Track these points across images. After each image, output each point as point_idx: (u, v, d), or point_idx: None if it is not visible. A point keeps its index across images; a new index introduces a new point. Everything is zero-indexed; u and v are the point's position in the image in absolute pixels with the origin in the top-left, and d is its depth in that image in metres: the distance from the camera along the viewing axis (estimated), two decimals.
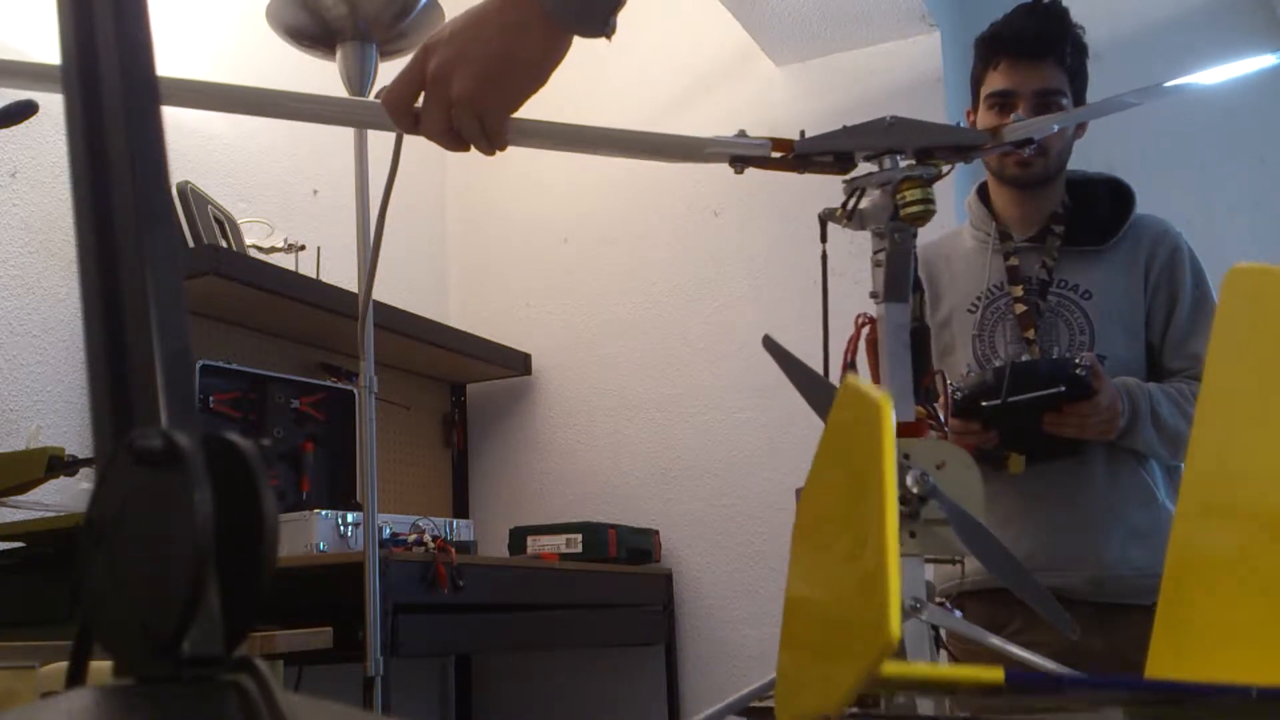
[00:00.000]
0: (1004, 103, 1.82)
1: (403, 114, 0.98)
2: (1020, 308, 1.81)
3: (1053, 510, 1.79)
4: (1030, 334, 1.79)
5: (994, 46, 1.84)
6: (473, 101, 0.94)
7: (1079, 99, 1.84)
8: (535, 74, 0.95)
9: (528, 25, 0.93)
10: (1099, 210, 1.87)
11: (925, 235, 2.00)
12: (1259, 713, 0.49)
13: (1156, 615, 0.60)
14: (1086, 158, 3.44)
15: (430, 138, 0.98)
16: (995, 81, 1.83)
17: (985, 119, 1.85)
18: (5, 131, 1.92)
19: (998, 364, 1.74)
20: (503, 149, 0.99)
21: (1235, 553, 0.58)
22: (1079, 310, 1.82)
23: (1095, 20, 3.54)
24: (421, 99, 0.97)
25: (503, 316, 3.77)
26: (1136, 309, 1.83)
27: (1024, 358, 1.76)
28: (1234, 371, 0.60)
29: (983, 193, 1.95)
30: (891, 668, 0.41)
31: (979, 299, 1.85)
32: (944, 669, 0.82)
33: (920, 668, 0.79)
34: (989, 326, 1.83)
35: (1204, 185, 3.32)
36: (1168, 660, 0.59)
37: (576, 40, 0.97)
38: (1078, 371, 1.62)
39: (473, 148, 0.99)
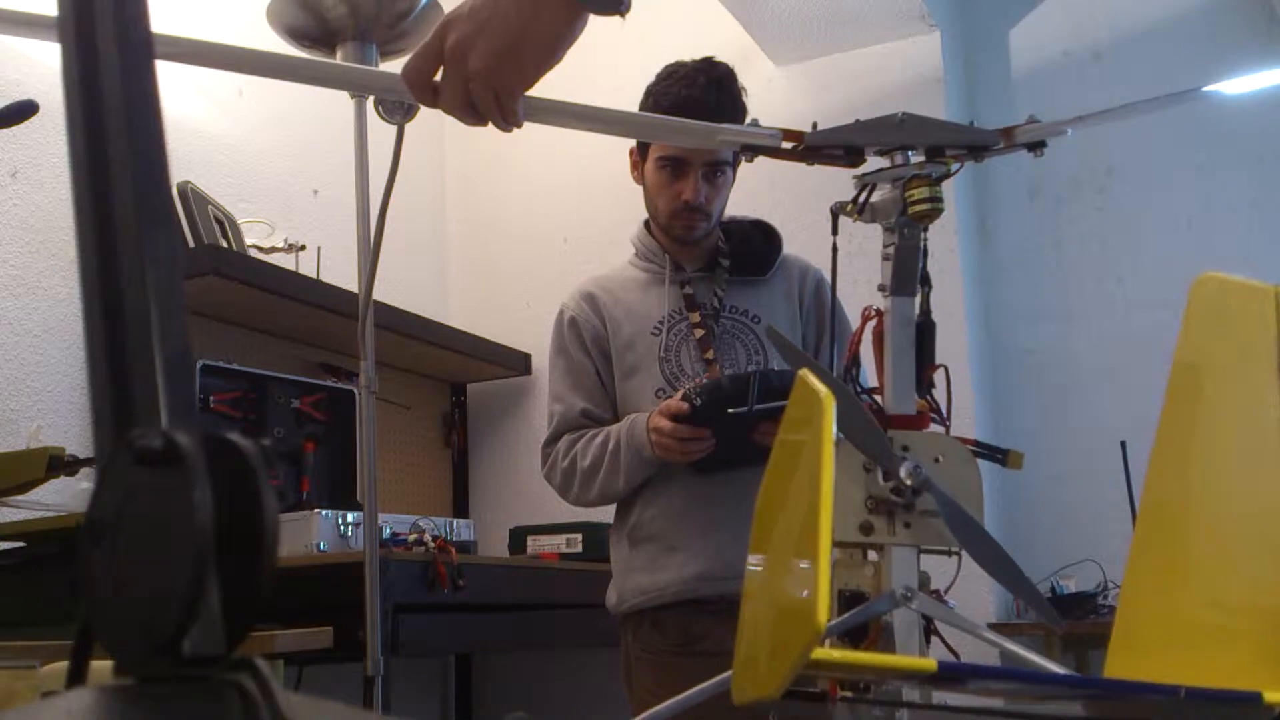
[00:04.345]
0: (675, 167, 1.89)
1: (422, 87, 0.99)
2: (699, 332, 1.91)
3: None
4: (710, 355, 1.89)
5: (669, 113, 1.82)
6: (489, 76, 0.95)
7: (737, 162, 1.93)
8: (550, 50, 0.97)
9: (545, 2, 0.94)
10: (755, 246, 2.00)
11: (594, 270, 2.06)
12: (1187, 711, 0.50)
13: (1115, 619, 0.60)
14: (1088, 160, 3.45)
15: (448, 111, 0.99)
16: (667, 146, 1.88)
17: (656, 179, 1.91)
18: (5, 132, 1.93)
19: (729, 372, 1.83)
20: (518, 125, 1.00)
21: (1189, 561, 0.59)
22: (751, 333, 1.93)
23: (1095, 20, 3.56)
24: (440, 73, 0.98)
25: (503, 316, 3.77)
26: (795, 331, 1.96)
27: (728, 371, 1.85)
28: (1196, 381, 0.60)
29: (648, 227, 2.02)
30: (821, 653, 0.42)
31: (660, 324, 1.93)
32: (877, 656, 0.83)
33: (853, 655, 0.80)
34: (673, 349, 1.91)
35: (1204, 185, 3.32)
36: (1124, 660, 0.59)
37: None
38: None
39: (490, 124, 1.00)
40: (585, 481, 1.89)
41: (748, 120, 1.10)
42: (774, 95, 3.45)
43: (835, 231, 1.11)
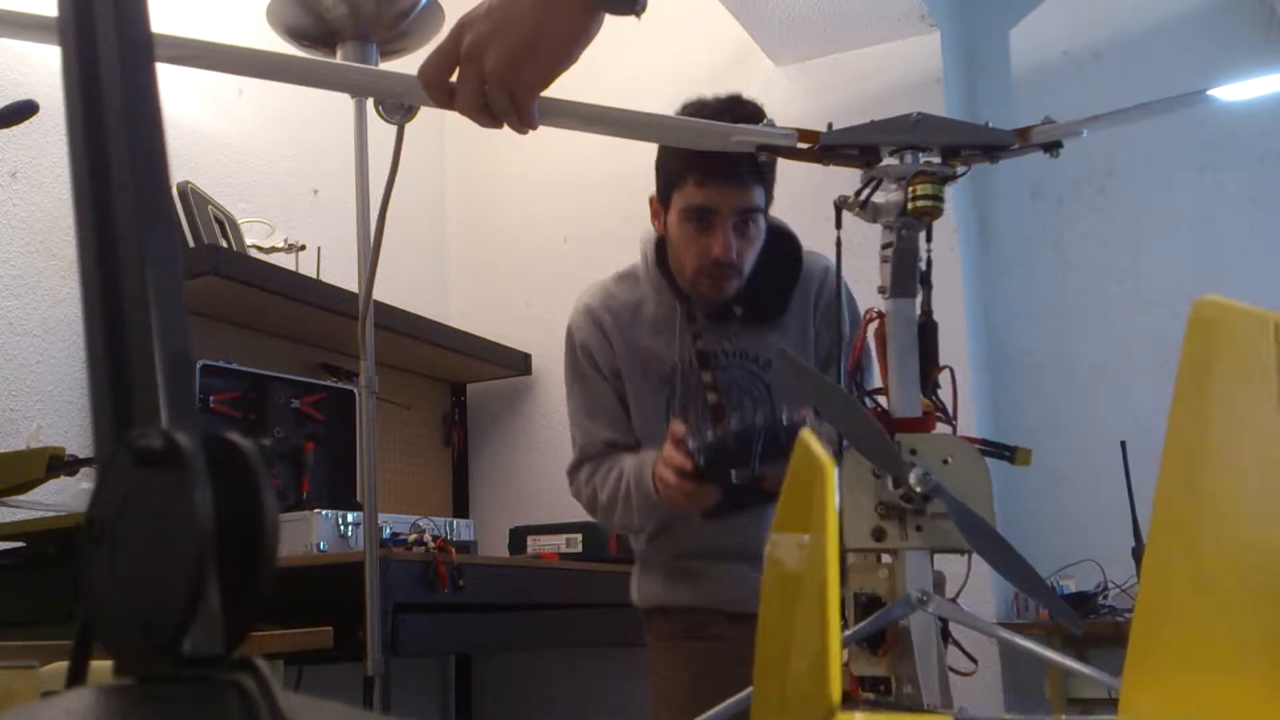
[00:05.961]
0: (703, 219, 1.73)
1: (437, 89, 0.99)
2: (712, 396, 1.81)
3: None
4: (715, 399, 1.81)
5: (695, 157, 1.71)
6: (506, 77, 0.95)
7: (769, 203, 1.80)
8: (566, 51, 0.97)
9: (560, 2, 0.94)
10: (771, 280, 1.84)
11: (594, 271, 1.95)
12: None
13: (1129, 644, 0.60)
14: (1087, 160, 3.45)
15: (464, 113, 0.99)
16: (694, 195, 1.72)
17: (681, 232, 1.76)
18: (5, 132, 1.92)
19: (735, 425, 1.68)
20: (534, 127, 1.01)
21: (1203, 585, 0.58)
22: (759, 381, 1.84)
23: (1095, 20, 3.56)
24: (456, 74, 0.98)
25: (503, 316, 3.77)
26: (809, 363, 1.84)
27: (734, 421, 1.73)
28: (1199, 404, 0.60)
29: (660, 252, 1.85)
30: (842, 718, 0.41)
31: (672, 371, 1.84)
32: (899, 717, 0.83)
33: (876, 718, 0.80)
34: (685, 402, 1.83)
35: (1204, 185, 3.32)
36: (1140, 689, 0.59)
37: None
38: None
39: (506, 125, 1.00)
40: (606, 514, 1.91)
41: (763, 122, 1.10)
42: (774, 95, 3.45)
43: (839, 225, 1.11)
